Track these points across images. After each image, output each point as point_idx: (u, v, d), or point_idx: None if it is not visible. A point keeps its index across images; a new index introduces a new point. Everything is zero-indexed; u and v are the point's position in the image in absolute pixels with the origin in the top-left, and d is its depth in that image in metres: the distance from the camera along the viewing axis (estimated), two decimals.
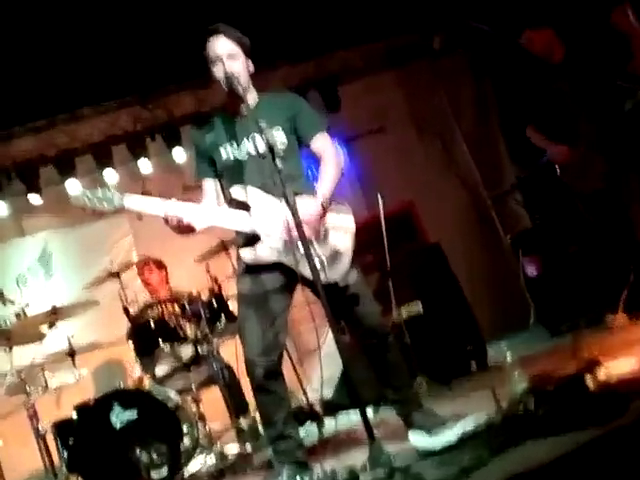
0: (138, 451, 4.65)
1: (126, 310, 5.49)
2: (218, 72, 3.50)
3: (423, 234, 5.84)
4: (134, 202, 3.42)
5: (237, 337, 5.25)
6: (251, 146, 3.52)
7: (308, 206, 3.37)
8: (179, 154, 7.17)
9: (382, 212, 5.23)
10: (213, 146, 3.61)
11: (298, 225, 3.10)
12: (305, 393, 5.49)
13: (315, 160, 3.65)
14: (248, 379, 3.57)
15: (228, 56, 3.50)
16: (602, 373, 3.01)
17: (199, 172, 3.71)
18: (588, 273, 5.04)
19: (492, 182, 7.41)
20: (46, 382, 5.32)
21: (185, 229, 3.46)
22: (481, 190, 7.40)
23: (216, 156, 3.60)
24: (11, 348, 5.44)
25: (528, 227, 6.53)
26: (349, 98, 7.42)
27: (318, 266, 3.16)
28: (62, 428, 5.12)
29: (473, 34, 6.68)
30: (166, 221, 3.42)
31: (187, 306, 5.28)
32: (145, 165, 7.15)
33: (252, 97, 3.61)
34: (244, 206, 3.49)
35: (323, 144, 3.61)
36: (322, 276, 3.19)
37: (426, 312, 5.29)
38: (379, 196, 5.26)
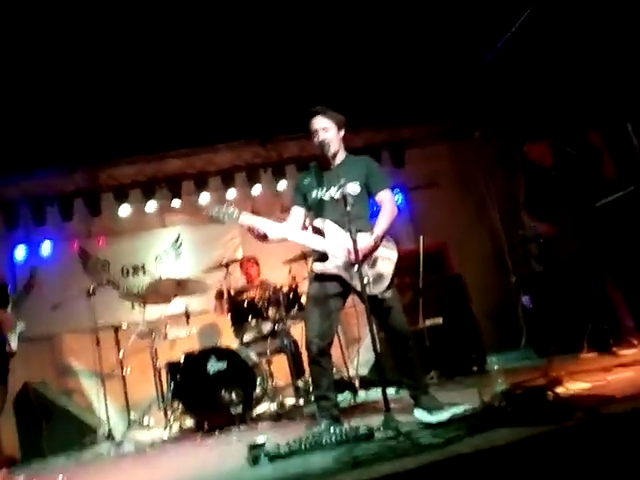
0: (223, 392, 4.84)
1: (228, 292, 5.65)
2: (315, 141, 3.75)
3: (450, 267, 5.81)
4: (246, 218, 3.63)
5: (303, 322, 5.55)
6: (333, 192, 3.71)
7: (365, 240, 3.53)
8: (282, 185, 7.29)
9: (422, 248, 5.34)
10: (308, 187, 3.83)
11: (355, 252, 3.30)
12: (347, 369, 5.59)
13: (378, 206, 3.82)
14: (306, 353, 3.75)
15: (322, 129, 3.72)
16: (561, 389, 3.10)
17: (294, 201, 3.91)
18: (568, 312, 4.98)
19: (512, 235, 7.33)
20: (166, 333, 5.60)
21: (262, 237, 3.64)
22: (502, 239, 7.32)
23: (308, 194, 3.82)
24: (145, 306, 5.80)
25: (536, 271, 6.51)
26: (412, 159, 7.48)
27: (365, 282, 3.35)
28: (172, 367, 5.36)
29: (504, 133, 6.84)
30: (251, 231, 3.63)
31: (272, 294, 5.40)
32: (257, 189, 7.29)
33: (341, 156, 3.81)
34: (320, 233, 3.69)
35: (385, 198, 3.76)
36: (367, 290, 3.37)
37: (444, 324, 5.32)
38: (421, 237, 5.40)
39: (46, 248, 6.97)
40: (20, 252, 6.86)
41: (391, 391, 4.68)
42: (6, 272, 6.41)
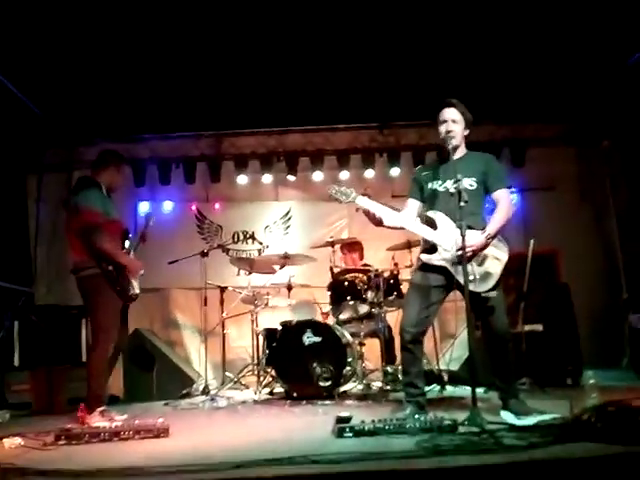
0: (315, 364, 5.02)
1: (331, 269, 5.82)
2: (442, 129, 3.80)
3: (558, 275, 5.66)
4: (362, 201, 3.74)
5: (401, 309, 5.62)
6: (448, 185, 3.77)
7: (476, 237, 3.58)
8: (395, 171, 7.34)
9: (531, 252, 5.25)
10: (425, 179, 3.92)
11: (463, 248, 3.37)
12: (438, 362, 5.65)
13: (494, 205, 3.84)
14: (399, 339, 3.82)
15: (452, 120, 3.77)
16: None
17: (411, 193, 4.01)
18: None
19: (629, 249, 7.02)
20: (267, 301, 5.90)
21: (377, 222, 3.74)
22: (618, 254, 7.02)
23: (425, 186, 3.91)
24: (251, 272, 6.10)
25: None
26: (532, 159, 7.32)
27: (471, 279, 3.40)
28: (270, 334, 5.69)
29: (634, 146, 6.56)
30: (366, 214, 3.74)
31: (372, 278, 5.48)
32: (370, 173, 7.41)
33: (461, 151, 3.86)
34: (432, 223, 3.76)
35: (502, 196, 3.78)
36: (472, 286, 3.42)
37: (544, 332, 5.25)
38: (532, 240, 5.31)
39: (167, 207, 7.49)
40: (143, 208, 7.40)
41: (480, 390, 4.69)
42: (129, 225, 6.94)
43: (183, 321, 7.24)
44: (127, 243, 4.49)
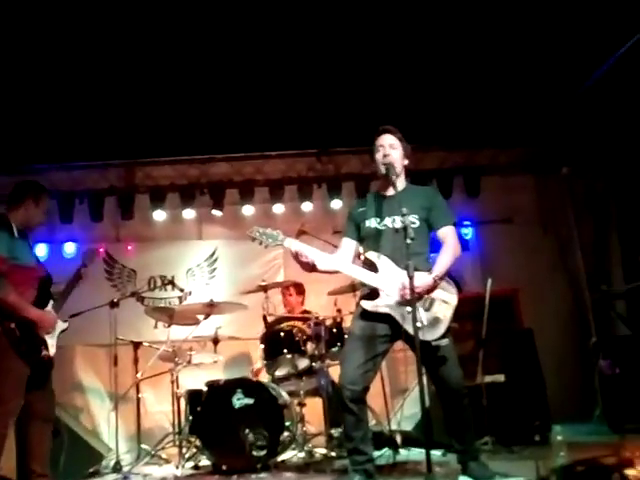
0: (247, 431, 4.92)
1: (265, 318, 5.79)
2: (379, 157, 3.91)
3: (520, 318, 5.84)
4: (291, 244, 3.82)
5: None
6: (392, 221, 3.86)
7: (423, 279, 3.66)
8: (336, 203, 7.44)
9: (488, 292, 5.38)
10: (362, 215, 4.00)
11: (411, 291, 3.44)
12: (389, 422, 5.65)
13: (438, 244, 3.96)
14: (339, 399, 3.87)
15: (389, 145, 3.91)
16: (632, 471, 3.12)
17: (346, 232, 4.09)
18: None
19: (597, 287, 7.27)
20: (190, 358, 5.77)
21: (310, 268, 3.83)
22: (585, 292, 7.22)
23: (362, 224, 3.98)
24: (170, 325, 5.98)
25: (621, 334, 6.48)
26: (488, 188, 7.54)
27: (419, 325, 3.47)
28: (193, 397, 5.56)
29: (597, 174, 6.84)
30: (296, 258, 3.80)
31: (313, 327, 5.49)
32: (307, 206, 7.48)
33: (401, 184, 3.96)
34: (373, 266, 3.83)
35: (448, 234, 3.91)
36: (420, 335, 3.48)
37: (506, 383, 5.36)
38: (489, 280, 5.45)
39: (69, 249, 7.34)
40: (69, 249, 7.29)
41: (437, 453, 4.76)
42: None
43: (89, 384, 7.03)
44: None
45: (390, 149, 3.90)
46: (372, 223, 3.94)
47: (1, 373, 4.03)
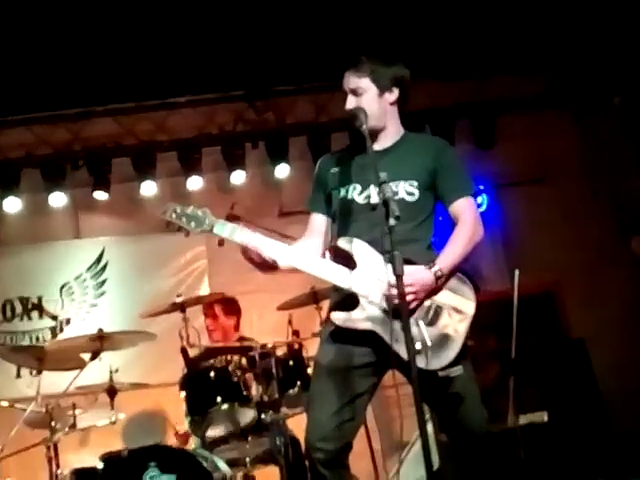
0: None
1: (184, 352, 5.70)
2: (346, 105, 3.84)
3: (566, 324, 5.92)
4: (225, 230, 3.68)
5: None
6: (371, 193, 3.78)
7: (419, 276, 3.59)
8: (282, 170, 7.45)
9: (516, 290, 5.42)
10: (335, 182, 3.92)
11: (401, 296, 3.40)
12: None
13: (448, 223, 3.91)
14: (308, 464, 3.81)
15: (352, 91, 3.80)
16: None
17: (311, 203, 4.02)
18: None
19: None
20: (74, 420, 5.64)
21: (266, 266, 3.72)
22: None
23: (334, 192, 3.93)
24: (40, 371, 5.87)
25: None
26: (507, 135, 7.64)
27: (418, 347, 3.44)
28: (85, 478, 5.38)
29: None
30: (244, 252, 3.71)
31: (258, 360, 5.44)
32: (239, 176, 7.49)
33: (390, 136, 3.90)
34: (346, 259, 3.74)
35: (464, 209, 3.82)
36: (420, 362, 3.45)
37: (550, 423, 5.37)
38: (516, 272, 5.47)
39: None
40: None
41: None
42: None
43: None
44: None
45: (353, 98, 3.84)
46: (347, 192, 3.88)
47: None
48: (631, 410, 6.35)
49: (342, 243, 3.78)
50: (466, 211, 3.84)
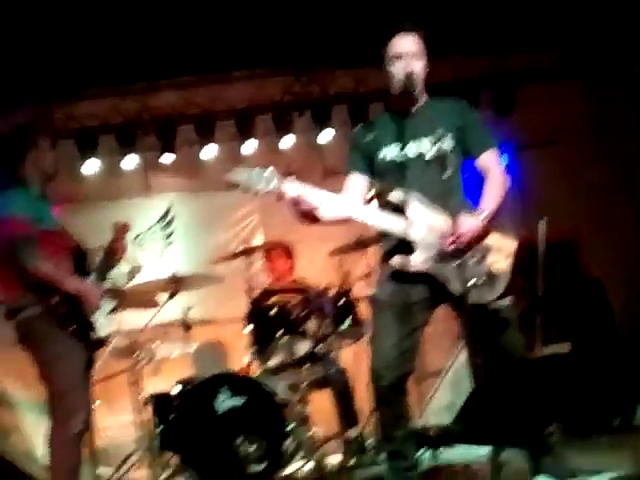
0: (239, 440, 4.93)
1: (249, 292, 5.78)
2: (397, 70, 3.75)
3: (586, 267, 5.87)
4: (292, 188, 3.55)
5: (358, 343, 5.63)
6: (421, 148, 3.74)
7: (469, 221, 3.58)
8: (326, 135, 7.43)
9: (543, 238, 5.38)
10: (373, 144, 3.86)
11: (457, 237, 3.38)
12: (422, 414, 5.71)
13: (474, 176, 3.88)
14: (370, 389, 3.75)
15: (412, 54, 3.74)
16: None
17: (352, 164, 3.94)
18: None
19: None
20: (152, 352, 5.75)
21: (311, 218, 3.64)
22: None
23: (376, 155, 3.86)
24: (120, 310, 5.90)
25: None
26: (525, 103, 7.55)
27: (471, 283, 3.42)
28: (161, 402, 5.50)
29: None
30: (294, 206, 3.56)
31: (312, 300, 5.50)
32: (288, 141, 7.47)
33: (422, 100, 3.87)
34: (398, 210, 3.71)
35: (491, 162, 3.81)
36: (475, 296, 3.44)
37: (573, 353, 5.38)
38: (542, 220, 5.43)
39: None
40: None
41: (483, 451, 4.71)
42: None
43: (17, 396, 6.97)
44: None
45: (412, 60, 3.76)
46: (390, 153, 3.80)
47: (56, 360, 4.17)
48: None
49: (394, 196, 3.74)
50: (495, 162, 3.85)
